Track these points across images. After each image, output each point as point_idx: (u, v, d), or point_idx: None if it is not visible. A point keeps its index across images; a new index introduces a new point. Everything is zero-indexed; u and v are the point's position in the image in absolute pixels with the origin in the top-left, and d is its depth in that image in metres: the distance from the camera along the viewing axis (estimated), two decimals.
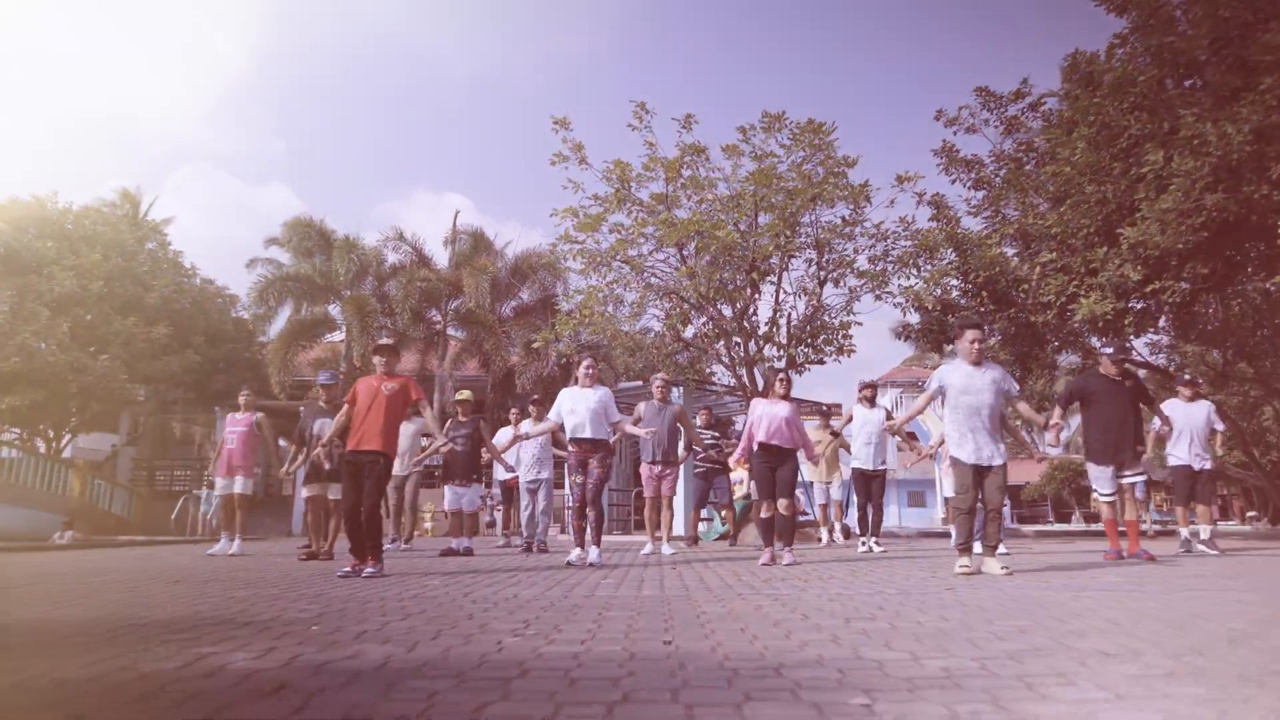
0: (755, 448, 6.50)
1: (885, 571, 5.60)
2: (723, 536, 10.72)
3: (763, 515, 6.50)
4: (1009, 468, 5.46)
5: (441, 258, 24.07)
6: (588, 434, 6.52)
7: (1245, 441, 19.25)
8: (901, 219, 12.28)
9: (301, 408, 8.46)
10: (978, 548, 5.67)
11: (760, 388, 13.18)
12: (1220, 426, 8.08)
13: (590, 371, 6.72)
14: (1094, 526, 30.34)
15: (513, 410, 10.34)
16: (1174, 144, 9.40)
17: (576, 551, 6.52)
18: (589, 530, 6.47)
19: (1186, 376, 8.27)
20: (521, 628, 2.91)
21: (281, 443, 30.93)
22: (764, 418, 6.48)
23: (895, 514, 35.54)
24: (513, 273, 23.22)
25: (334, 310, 23.13)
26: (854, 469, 8.73)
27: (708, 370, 16.12)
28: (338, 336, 23.54)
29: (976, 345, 5.45)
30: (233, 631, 2.86)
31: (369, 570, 5.41)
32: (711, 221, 11.17)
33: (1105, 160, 10.61)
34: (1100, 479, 6.65)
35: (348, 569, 5.47)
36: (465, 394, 8.98)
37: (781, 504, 6.38)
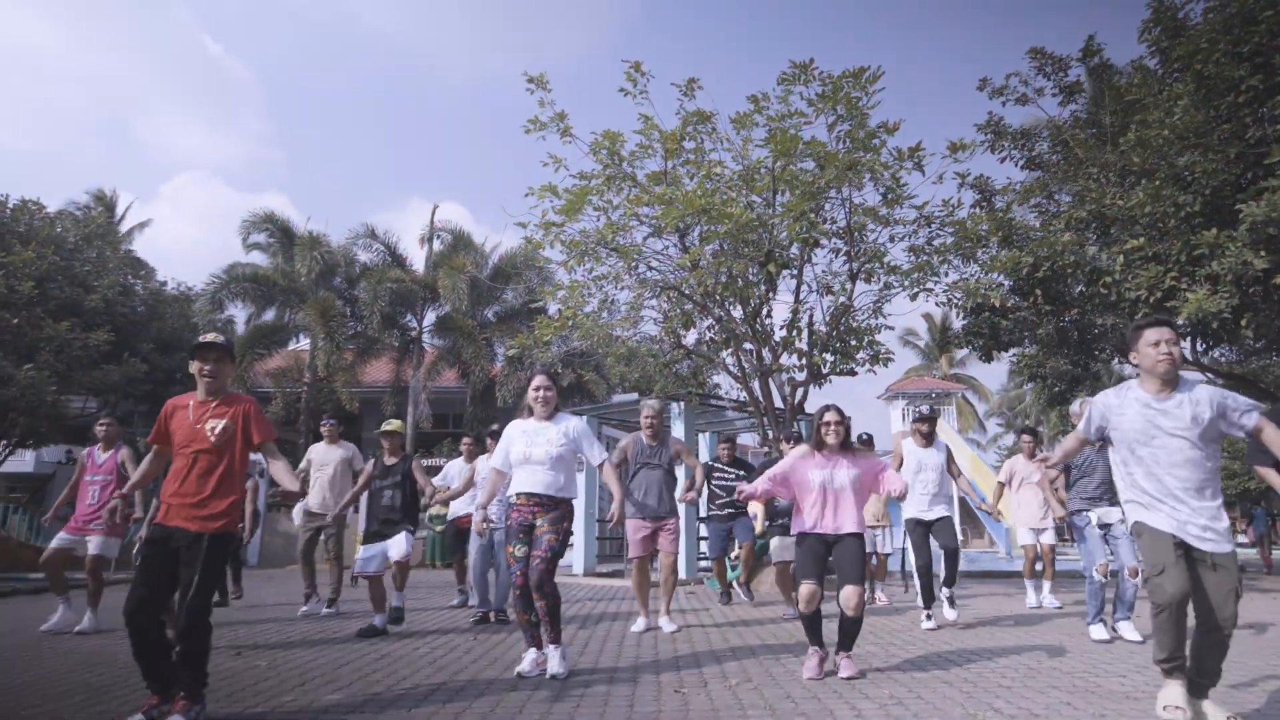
0: (795, 526, 4.40)
1: (1012, 699, 3.48)
2: (730, 585, 8.56)
3: (804, 609, 4.29)
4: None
5: (419, 258, 22.00)
6: (540, 489, 4.42)
7: None
8: (945, 202, 10.11)
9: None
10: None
11: (775, 404, 11.08)
12: None
13: (545, 395, 4.63)
14: None
15: (465, 440, 8.19)
16: None
17: (530, 657, 4.37)
18: (542, 626, 4.33)
19: None
20: None
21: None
22: (820, 492, 4.34)
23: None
24: (495, 275, 21.11)
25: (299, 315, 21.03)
26: (908, 520, 6.55)
27: (712, 383, 13.99)
28: (303, 345, 21.43)
29: (1165, 350, 3.30)
30: None
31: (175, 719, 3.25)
32: (721, 198, 9.03)
33: (1210, 123, 8.52)
34: None
35: (138, 716, 3.32)
36: (394, 424, 6.73)
37: (847, 597, 4.18)
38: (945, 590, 6.52)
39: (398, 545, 6.26)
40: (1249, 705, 3.59)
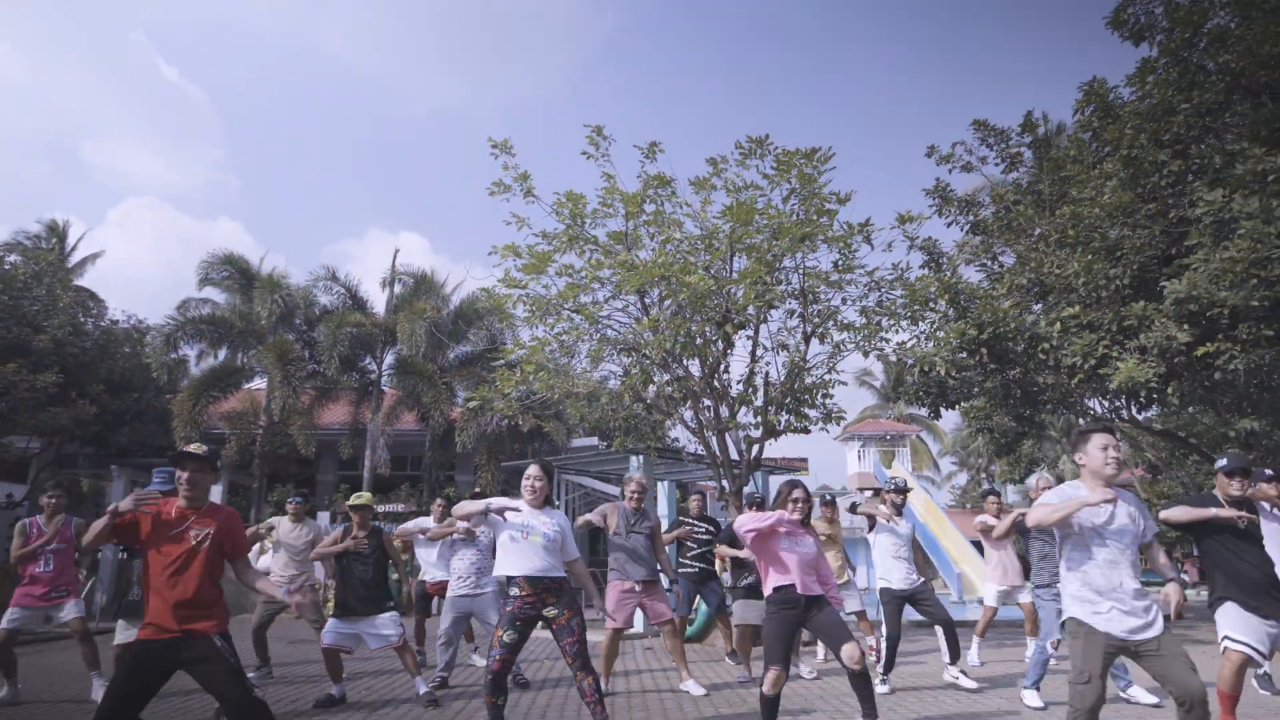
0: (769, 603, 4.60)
1: None
2: (697, 638, 8.72)
3: (767, 691, 4.44)
4: None
5: (380, 300, 21.98)
6: (547, 572, 4.56)
7: None
8: (895, 265, 10.57)
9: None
10: None
11: (731, 457, 11.35)
12: None
13: (536, 485, 4.77)
14: None
15: (437, 501, 8.27)
16: (1231, 181, 7.89)
17: None
18: (593, 708, 4.52)
19: (1269, 473, 6.45)
20: None
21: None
22: (788, 558, 4.54)
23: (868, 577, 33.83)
24: (457, 318, 21.19)
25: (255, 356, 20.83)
26: (883, 590, 6.73)
27: (670, 436, 14.22)
28: (259, 384, 21.19)
29: (1113, 454, 3.55)
30: None
31: None
32: (680, 265, 9.34)
33: (1136, 201, 9.10)
34: (1248, 628, 4.44)
35: None
36: (363, 498, 6.63)
37: (847, 654, 4.35)
38: (954, 669, 6.59)
39: (388, 628, 6.17)
40: None
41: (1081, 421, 13.37)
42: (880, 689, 6.36)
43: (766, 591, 4.62)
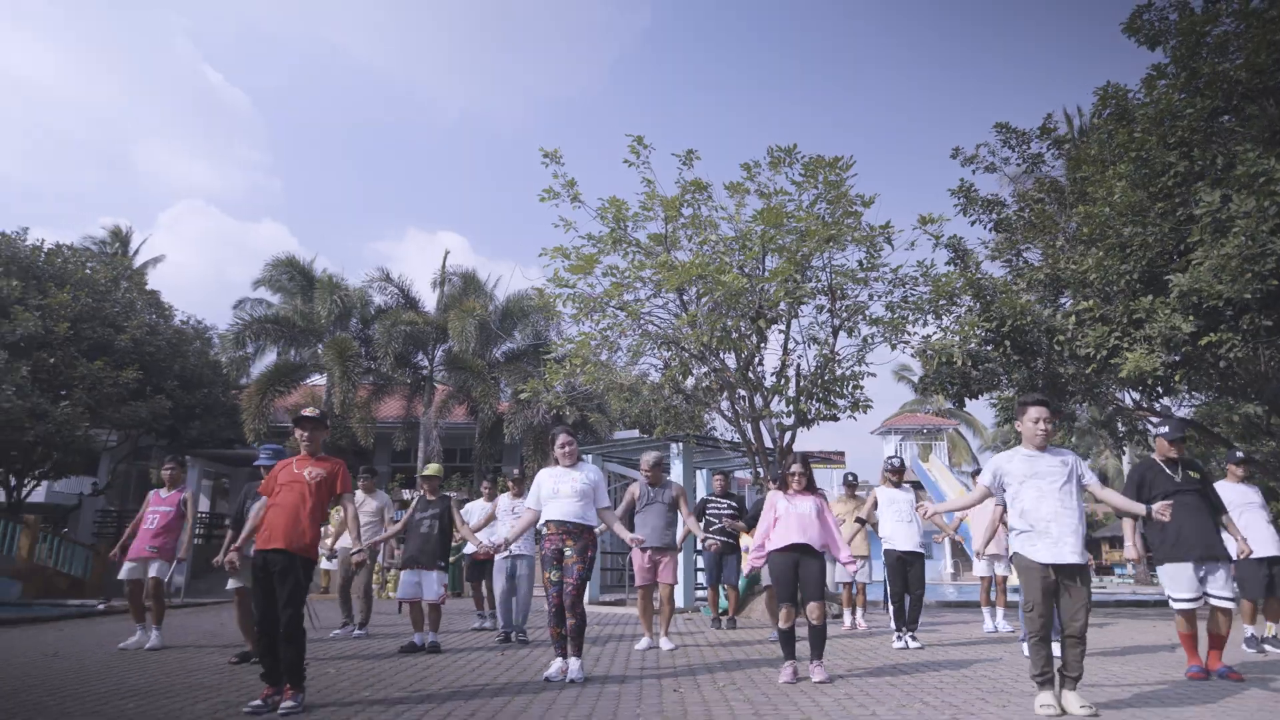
0: (770, 551, 5.41)
1: (941, 704, 4.46)
2: (722, 614, 9.54)
3: (781, 625, 5.33)
4: None
5: (430, 299, 23.13)
6: (569, 517, 5.41)
7: None
8: (919, 263, 11.24)
9: (244, 485, 7.32)
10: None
11: (765, 444, 12.13)
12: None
13: (568, 449, 5.64)
14: (1107, 584, 28.98)
15: (484, 484, 9.23)
16: (1230, 182, 8.46)
17: (556, 664, 5.37)
18: (569, 640, 5.33)
19: (1240, 454, 7.12)
20: None
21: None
22: (786, 516, 5.39)
23: None
24: (504, 316, 22.22)
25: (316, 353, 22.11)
26: (886, 551, 7.56)
27: (709, 424, 15.00)
28: (320, 380, 22.46)
29: (1044, 427, 4.41)
30: None
31: (287, 705, 4.25)
32: (715, 265, 10.13)
33: (1146, 200, 9.66)
34: (1178, 581, 5.29)
35: (258, 702, 4.31)
36: (434, 468, 7.81)
37: (810, 610, 5.23)
38: (907, 633, 7.28)
39: (431, 587, 7.18)
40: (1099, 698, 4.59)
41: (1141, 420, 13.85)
42: (913, 645, 7.08)
43: (769, 548, 5.46)
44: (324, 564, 9.85)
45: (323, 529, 5.07)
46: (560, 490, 5.51)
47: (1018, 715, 4.16)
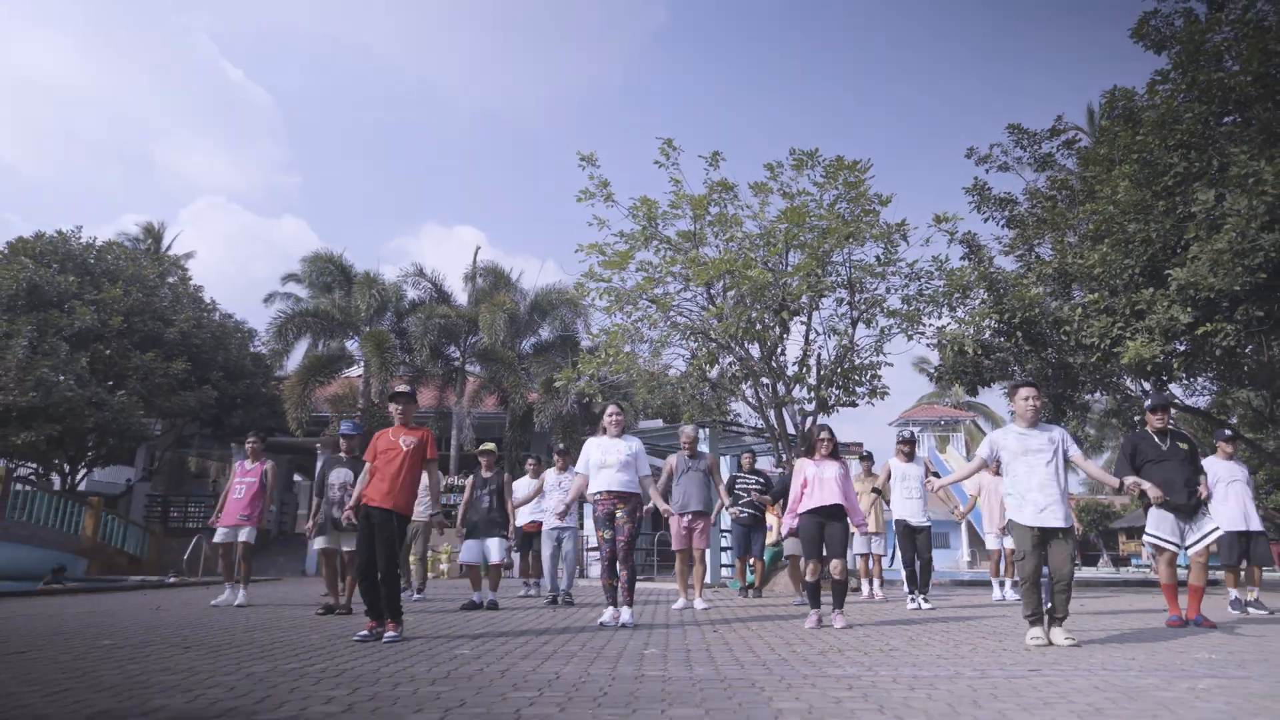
0: (800, 513, 6.13)
1: (947, 641, 5.18)
2: (749, 586, 10.27)
3: (808, 578, 6.08)
4: None
5: (460, 293, 23.99)
6: (617, 486, 6.14)
7: None
8: (935, 258, 11.93)
9: (320, 456, 8.15)
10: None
11: (788, 430, 12.86)
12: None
13: (617, 419, 6.37)
14: (1123, 573, 29.44)
15: (529, 460, 10.01)
16: (1225, 182, 9.06)
17: (609, 611, 6.14)
18: (620, 590, 6.09)
19: (1228, 433, 7.83)
20: None
21: (297, 478, 30.34)
22: (814, 481, 6.10)
23: None
24: (533, 309, 23.03)
25: (351, 346, 23.02)
26: (898, 521, 8.28)
27: (732, 411, 15.71)
28: (355, 372, 23.37)
29: (1033, 404, 5.11)
30: None
31: (389, 635, 5.05)
32: (741, 260, 10.86)
33: (1149, 199, 10.28)
34: (1162, 524, 6.02)
35: (365, 632, 5.11)
36: (489, 446, 8.61)
37: (834, 566, 5.96)
38: (919, 595, 8.03)
39: (495, 550, 7.97)
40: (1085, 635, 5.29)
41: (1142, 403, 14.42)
42: (925, 606, 7.80)
43: (799, 512, 6.16)
44: None
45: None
46: (608, 460, 6.22)
47: (1012, 646, 4.87)
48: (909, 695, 3.20)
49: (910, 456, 8.43)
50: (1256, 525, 7.34)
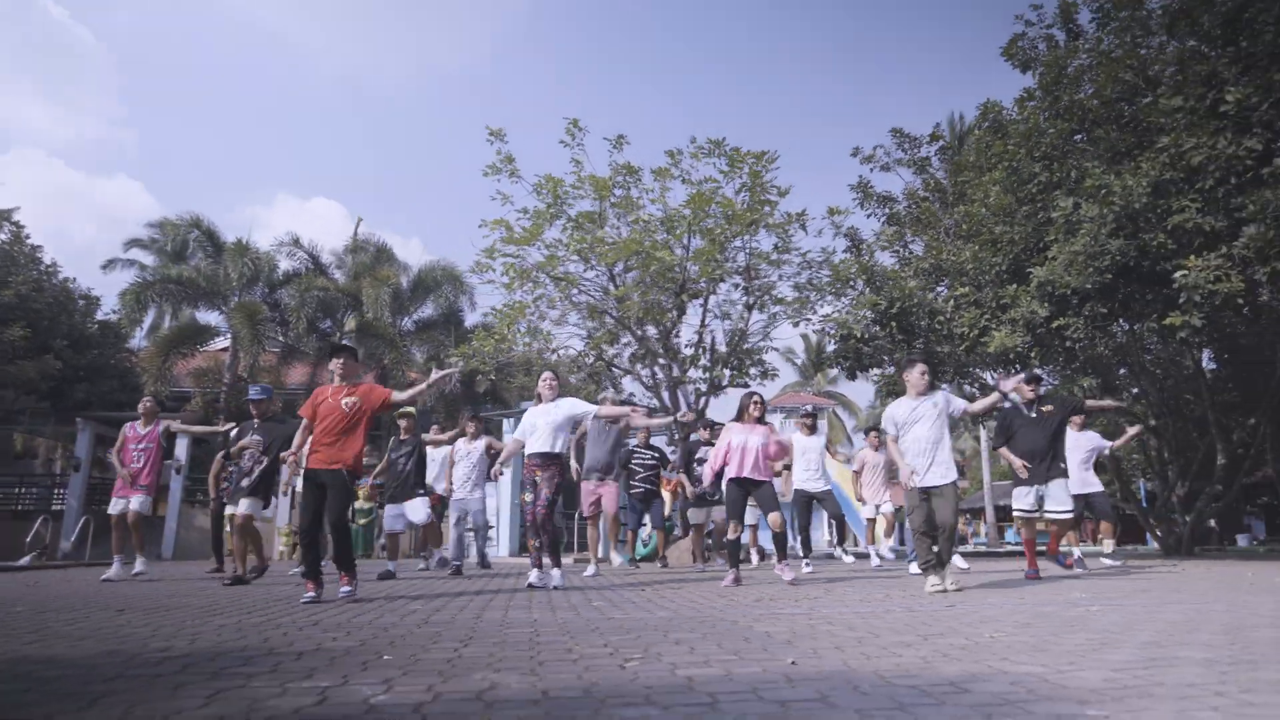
0: (724, 477, 6.49)
1: (860, 592, 5.70)
2: (649, 558, 10.65)
3: (729, 536, 6.45)
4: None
5: (335, 268, 23.08)
6: (536, 448, 6.24)
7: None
8: (823, 250, 12.71)
9: (233, 428, 7.84)
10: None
11: (681, 408, 13.35)
12: (1107, 451, 9.07)
13: (550, 383, 6.49)
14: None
15: (434, 426, 9.94)
16: (1080, 192, 10.20)
17: (535, 573, 6.26)
18: (545, 554, 6.25)
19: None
20: (611, 650, 2.77)
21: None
22: (739, 449, 6.44)
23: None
24: (415, 285, 22.50)
25: (216, 317, 21.72)
26: (797, 491, 8.87)
27: (626, 392, 16.06)
28: (221, 344, 22.07)
29: (926, 378, 5.74)
30: (311, 664, 2.58)
31: (345, 590, 5.04)
32: (650, 243, 11.18)
33: (1014, 204, 11.39)
34: (1021, 498, 6.93)
35: (310, 594, 5.05)
36: (410, 410, 8.51)
37: (772, 519, 6.32)
38: (839, 549, 8.70)
39: (417, 511, 7.94)
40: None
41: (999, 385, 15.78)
42: (805, 570, 8.40)
43: (726, 478, 6.52)
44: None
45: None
46: (537, 425, 6.35)
47: (918, 594, 5.45)
48: (864, 622, 3.60)
49: (813, 429, 9.03)
50: (1094, 487, 8.54)
